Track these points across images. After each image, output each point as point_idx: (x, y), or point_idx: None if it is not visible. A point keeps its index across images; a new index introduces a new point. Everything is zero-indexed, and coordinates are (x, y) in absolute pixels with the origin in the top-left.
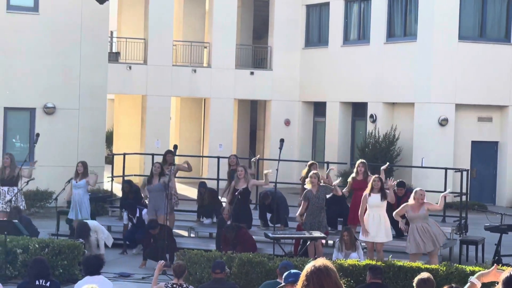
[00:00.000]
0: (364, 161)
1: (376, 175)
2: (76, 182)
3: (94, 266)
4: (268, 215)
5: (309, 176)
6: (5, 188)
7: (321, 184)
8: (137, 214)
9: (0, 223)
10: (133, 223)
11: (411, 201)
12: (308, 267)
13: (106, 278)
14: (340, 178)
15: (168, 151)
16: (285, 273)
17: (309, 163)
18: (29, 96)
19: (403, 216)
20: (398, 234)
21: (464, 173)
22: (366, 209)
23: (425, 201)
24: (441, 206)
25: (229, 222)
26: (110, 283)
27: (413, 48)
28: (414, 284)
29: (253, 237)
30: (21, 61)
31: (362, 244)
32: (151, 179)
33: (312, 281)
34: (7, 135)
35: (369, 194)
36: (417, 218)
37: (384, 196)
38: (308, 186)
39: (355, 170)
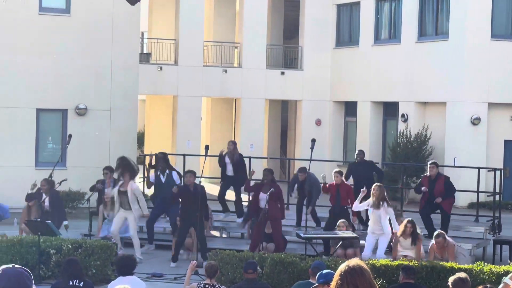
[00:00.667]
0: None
1: (409, 219)
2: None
3: (127, 267)
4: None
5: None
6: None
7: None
8: (167, 172)
9: (33, 223)
10: (161, 183)
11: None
12: (342, 267)
13: (139, 279)
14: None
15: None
16: (318, 274)
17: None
18: (61, 97)
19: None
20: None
21: (497, 172)
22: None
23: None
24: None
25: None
26: (143, 283)
27: (444, 46)
28: (449, 283)
29: (286, 237)
30: (53, 63)
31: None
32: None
33: (346, 280)
34: (40, 136)
35: (401, 241)
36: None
37: (414, 241)
38: None
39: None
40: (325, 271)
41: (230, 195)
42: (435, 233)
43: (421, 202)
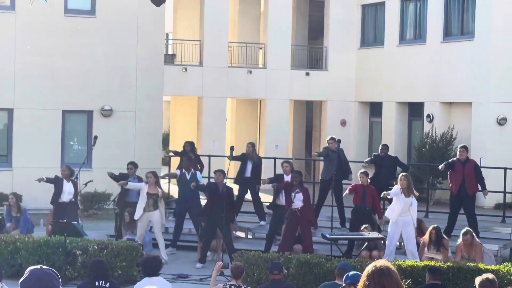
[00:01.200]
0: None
1: (434, 226)
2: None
3: (152, 267)
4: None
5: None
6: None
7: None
8: (192, 171)
9: (59, 224)
10: (185, 180)
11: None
12: (370, 267)
13: (165, 279)
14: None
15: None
16: (345, 275)
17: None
18: (86, 98)
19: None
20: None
21: None
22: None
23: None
24: None
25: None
26: (169, 284)
27: (470, 46)
28: (476, 284)
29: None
30: (78, 64)
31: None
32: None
33: (374, 281)
34: (65, 137)
35: (428, 247)
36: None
37: (439, 247)
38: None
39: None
40: (351, 272)
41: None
42: (463, 230)
43: (452, 188)
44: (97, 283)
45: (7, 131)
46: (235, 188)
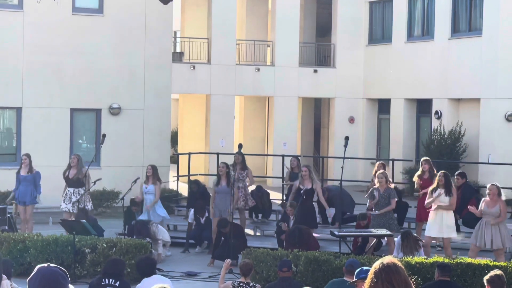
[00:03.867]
0: (427, 158)
1: (442, 171)
2: (146, 187)
3: (148, 267)
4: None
5: (376, 175)
6: (71, 190)
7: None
8: (206, 215)
9: (69, 223)
10: (200, 223)
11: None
12: (376, 264)
13: (163, 277)
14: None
15: (237, 152)
16: (358, 269)
17: (377, 163)
18: (94, 97)
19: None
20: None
21: None
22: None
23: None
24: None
25: (292, 219)
26: (168, 280)
27: (478, 43)
28: (485, 280)
29: (317, 235)
30: (86, 63)
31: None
32: (219, 180)
33: (381, 277)
34: (74, 136)
35: (435, 190)
36: (489, 215)
37: (449, 193)
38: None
39: (420, 168)
40: (365, 267)
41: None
42: (489, 185)
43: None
44: (106, 281)
45: (16, 130)
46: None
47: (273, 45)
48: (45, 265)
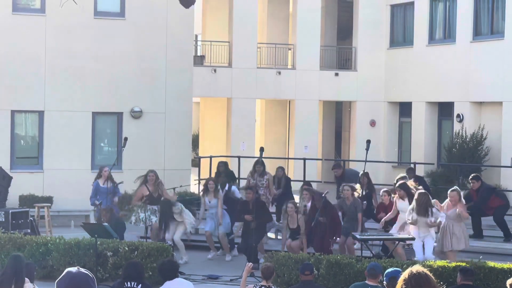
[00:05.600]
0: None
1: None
2: (210, 202)
3: (170, 271)
4: None
5: (343, 187)
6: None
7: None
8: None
9: (90, 226)
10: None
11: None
12: (406, 273)
13: (185, 280)
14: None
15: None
16: (385, 272)
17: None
18: (116, 100)
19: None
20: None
21: None
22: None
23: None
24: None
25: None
26: (190, 284)
27: (500, 46)
28: (508, 285)
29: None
30: (108, 66)
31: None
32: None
33: (411, 284)
34: (96, 139)
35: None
36: (448, 218)
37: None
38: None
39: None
40: (390, 269)
41: None
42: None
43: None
44: (128, 284)
45: (38, 133)
46: None
47: (294, 48)
48: (75, 268)
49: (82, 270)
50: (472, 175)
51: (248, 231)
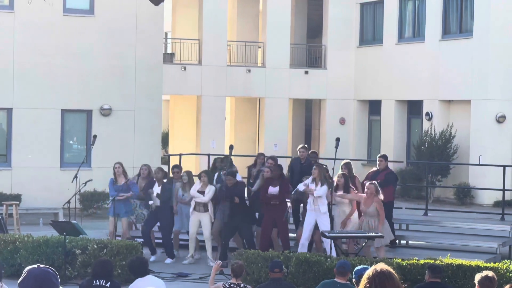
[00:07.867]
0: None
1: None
2: (183, 195)
3: (140, 268)
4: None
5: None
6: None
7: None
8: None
9: (59, 223)
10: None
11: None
12: (370, 271)
13: (156, 277)
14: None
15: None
16: (354, 269)
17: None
18: (85, 98)
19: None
20: None
21: None
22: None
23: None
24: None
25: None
26: (161, 281)
27: (469, 44)
28: (476, 281)
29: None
30: (77, 63)
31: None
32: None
33: (375, 283)
34: (65, 137)
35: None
36: (367, 214)
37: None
38: None
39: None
40: (359, 266)
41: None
42: (367, 183)
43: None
44: (97, 282)
45: (7, 131)
46: None
47: (264, 46)
48: (35, 266)
49: (42, 266)
50: (381, 154)
51: (233, 217)
